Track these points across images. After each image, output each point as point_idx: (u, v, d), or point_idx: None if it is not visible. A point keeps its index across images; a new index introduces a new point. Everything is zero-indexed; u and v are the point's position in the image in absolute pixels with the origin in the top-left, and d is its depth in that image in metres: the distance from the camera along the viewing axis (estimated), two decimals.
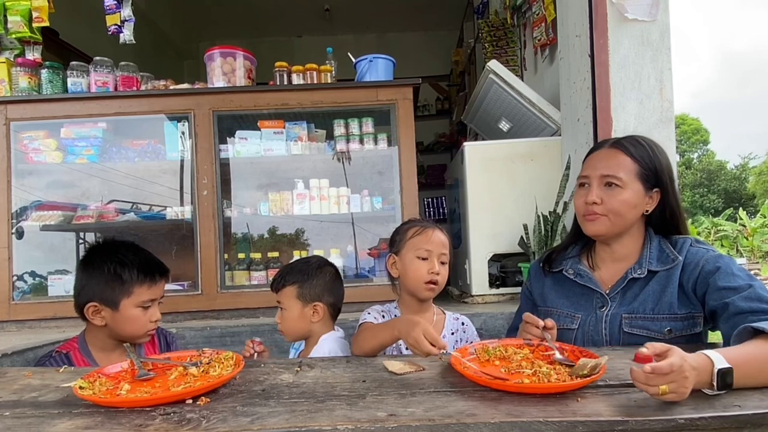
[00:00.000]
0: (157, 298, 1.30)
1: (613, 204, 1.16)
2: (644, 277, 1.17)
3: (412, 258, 1.31)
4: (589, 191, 1.19)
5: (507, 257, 2.42)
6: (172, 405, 0.79)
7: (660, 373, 0.73)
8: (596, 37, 1.98)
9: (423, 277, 1.28)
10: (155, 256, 1.33)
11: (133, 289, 1.24)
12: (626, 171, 1.16)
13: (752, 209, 18.70)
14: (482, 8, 4.06)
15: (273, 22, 5.71)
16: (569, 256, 1.31)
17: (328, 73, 2.50)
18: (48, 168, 2.46)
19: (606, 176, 1.17)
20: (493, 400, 0.78)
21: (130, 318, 1.24)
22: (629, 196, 1.15)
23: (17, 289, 2.30)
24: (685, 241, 1.18)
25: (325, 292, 1.42)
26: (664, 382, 0.73)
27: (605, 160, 1.19)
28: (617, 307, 1.17)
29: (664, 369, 0.73)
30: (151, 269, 1.27)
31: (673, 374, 0.74)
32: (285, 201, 2.46)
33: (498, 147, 2.50)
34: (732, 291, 1.03)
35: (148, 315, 1.27)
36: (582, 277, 1.24)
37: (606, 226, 1.18)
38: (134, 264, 1.25)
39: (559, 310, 1.25)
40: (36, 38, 2.48)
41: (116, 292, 1.23)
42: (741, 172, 27.04)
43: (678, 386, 0.74)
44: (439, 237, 1.33)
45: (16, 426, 0.74)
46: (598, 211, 1.17)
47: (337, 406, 0.77)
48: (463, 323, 1.39)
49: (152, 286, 1.27)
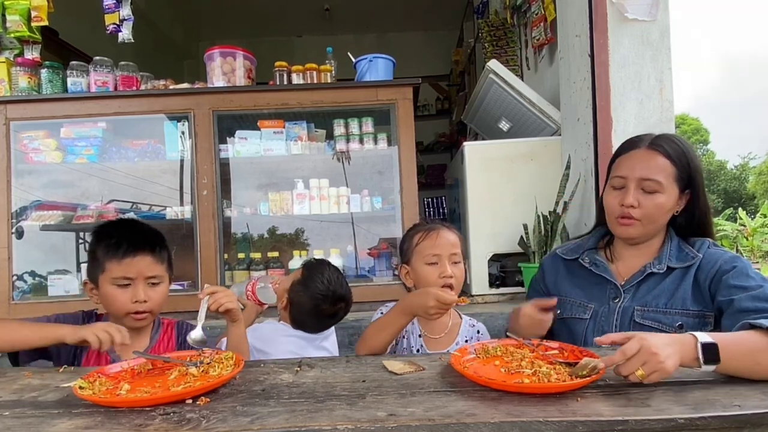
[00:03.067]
0: (133, 276, 1.16)
1: (650, 208, 1.14)
2: (662, 273, 1.16)
3: (422, 265, 1.25)
4: (625, 194, 1.16)
5: (507, 257, 2.42)
6: (172, 405, 0.79)
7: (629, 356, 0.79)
8: (596, 36, 1.98)
9: (435, 283, 1.21)
10: (141, 232, 1.23)
11: (105, 264, 1.16)
12: (665, 175, 1.13)
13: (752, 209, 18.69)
14: (482, 8, 4.06)
15: (273, 22, 5.71)
16: (587, 246, 1.29)
17: (328, 73, 2.50)
18: (48, 168, 2.46)
19: (645, 180, 1.13)
20: (493, 400, 0.78)
21: (106, 296, 1.18)
22: (665, 201, 1.14)
23: (17, 289, 2.31)
24: (704, 242, 1.18)
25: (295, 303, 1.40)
26: (635, 367, 0.78)
27: (644, 161, 1.15)
28: (630, 300, 1.17)
29: (630, 350, 0.79)
30: (120, 244, 1.16)
31: (639, 355, 0.79)
32: (285, 201, 2.46)
33: (498, 147, 2.50)
34: (741, 290, 1.03)
35: (128, 295, 1.16)
36: (598, 266, 1.23)
37: (638, 231, 1.17)
38: (106, 237, 1.18)
39: (572, 299, 1.24)
40: (35, 38, 2.48)
41: (94, 267, 1.19)
42: (741, 172, 27.04)
43: (652, 365, 0.78)
44: (446, 237, 1.26)
45: (15, 426, 0.74)
46: (635, 215, 1.15)
47: (337, 406, 0.77)
48: (479, 331, 1.34)
49: (122, 261, 1.15)
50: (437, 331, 1.30)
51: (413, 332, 1.29)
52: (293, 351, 1.35)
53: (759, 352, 0.83)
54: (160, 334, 1.29)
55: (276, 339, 1.38)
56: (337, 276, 1.41)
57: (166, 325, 1.32)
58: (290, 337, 1.39)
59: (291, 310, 1.41)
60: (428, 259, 1.24)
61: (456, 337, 1.30)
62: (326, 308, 1.37)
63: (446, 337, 1.30)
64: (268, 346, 1.36)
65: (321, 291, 1.36)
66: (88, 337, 1.05)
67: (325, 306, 1.37)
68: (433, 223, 1.32)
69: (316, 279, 1.37)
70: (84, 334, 1.06)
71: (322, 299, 1.36)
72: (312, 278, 1.38)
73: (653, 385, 0.81)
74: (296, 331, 1.40)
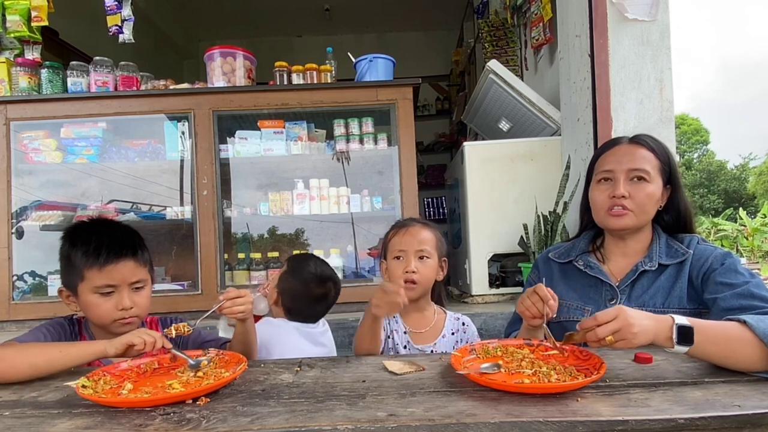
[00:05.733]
0: (117, 283, 1.10)
1: (640, 197, 1.16)
2: (654, 271, 1.17)
3: (391, 260, 1.31)
4: (615, 185, 1.18)
5: (507, 257, 2.42)
6: (172, 405, 0.79)
7: (601, 322, 0.83)
8: (596, 36, 1.98)
9: (399, 277, 1.26)
10: (120, 235, 1.15)
11: (84, 273, 1.09)
12: (651, 165, 1.17)
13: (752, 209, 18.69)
14: (482, 8, 4.06)
15: (273, 22, 5.71)
16: (578, 248, 1.30)
17: (328, 73, 2.50)
18: (48, 168, 2.46)
19: (634, 170, 1.17)
20: (493, 400, 0.78)
21: (88, 305, 1.10)
22: (654, 190, 1.17)
23: (17, 289, 2.31)
24: (693, 238, 1.19)
25: (285, 292, 1.45)
26: (607, 331, 0.83)
27: (629, 154, 1.19)
28: (626, 300, 1.18)
29: (604, 317, 0.83)
30: (99, 251, 1.08)
31: (614, 322, 0.83)
32: (285, 201, 2.47)
33: (498, 147, 2.50)
34: (728, 287, 1.04)
35: (112, 302, 1.10)
36: (592, 268, 1.24)
37: (633, 221, 1.18)
38: (82, 245, 1.09)
39: (569, 303, 1.25)
40: (35, 38, 2.48)
41: (71, 276, 1.11)
42: (741, 173, 27.01)
43: (624, 333, 0.82)
44: (414, 233, 1.30)
45: (15, 426, 0.74)
46: (627, 205, 1.17)
47: (337, 406, 0.77)
48: (464, 323, 1.38)
49: (103, 269, 1.08)
50: (422, 325, 1.34)
51: (398, 330, 1.31)
52: (294, 344, 1.39)
53: (735, 341, 0.85)
54: None
55: (276, 334, 1.40)
56: (321, 261, 1.51)
57: (149, 323, 1.27)
58: (290, 330, 1.42)
59: (283, 300, 1.45)
60: (395, 254, 1.30)
61: (442, 330, 1.34)
62: (316, 289, 1.44)
63: (432, 330, 1.33)
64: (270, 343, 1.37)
65: (309, 273, 1.45)
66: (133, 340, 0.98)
67: (315, 286, 1.44)
68: (409, 220, 1.37)
69: (303, 265, 1.47)
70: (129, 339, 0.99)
71: (311, 280, 1.44)
72: (299, 265, 1.47)
73: (653, 385, 0.82)
74: (293, 323, 1.43)
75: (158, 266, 2.59)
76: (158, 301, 2.26)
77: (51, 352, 0.98)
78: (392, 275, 1.29)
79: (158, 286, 2.41)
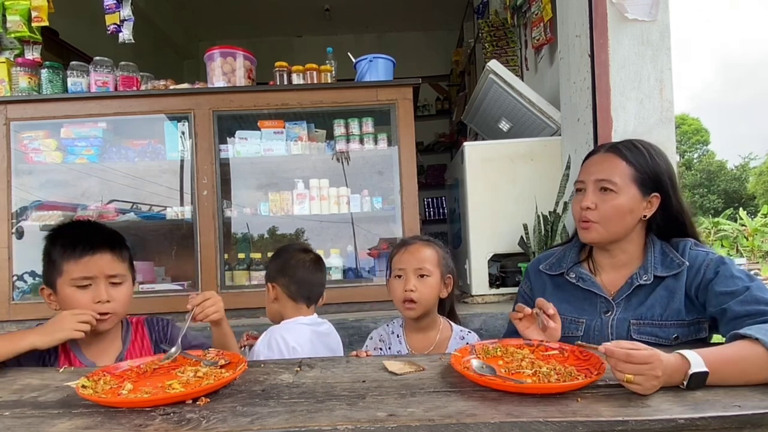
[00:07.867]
0: (93, 274, 1.11)
1: (606, 209, 1.14)
2: (651, 283, 1.14)
3: (392, 279, 1.32)
4: (584, 196, 1.18)
5: (507, 257, 2.42)
6: (172, 405, 0.79)
7: (633, 362, 0.78)
8: (596, 36, 1.98)
9: (399, 297, 1.27)
10: (99, 230, 1.18)
11: (63, 267, 1.11)
12: (621, 175, 1.14)
13: (752, 209, 18.68)
14: (482, 8, 4.06)
15: (273, 22, 5.71)
16: (569, 259, 1.27)
17: (328, 73, 2.50)
18: (48, 168, 2.46)
19: (600, 180, 1.15)
20: (493, 400, 0.78)
21: (66, 299, 1.11)
22: (624, 201, 1.13)
23: (17, 289, 2.30)
24: (686, 243, 1.16)
25: (278, 273, 1.46)
26: (633, 371, 0.77)
27: (600, 164, 1.17)
28: (623, 312, 1.15)
29: (638, 359, 0.77)
30: (76, 244, 1.11)
31: (645, 367, 0.77)
32: (285, 201, 2.46)
33: (498, 147, 2.50)
34: (729, 296, 1.02)
35: (89, 295, 1.11)
36: (585, 281, 1.21)
37: (600, 234, 1.16)
38: (60, 238, 1.13)
39: (563, 316, 1.21)
40: (35, 38, 2.48)
41: (51, 271, 1.13)
42: (741, 173, 26.99)
43: (645, 380, 0.78)
44: (414, 252, 1.30)
45: (15, 426, 0.74)
46: (591, 217, 1.15)
47: (337, 406, 0.77)
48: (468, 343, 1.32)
49: (80, 261, 1.10)
50: (424, 346, 1.31)
51: (401, 351, 1.30)
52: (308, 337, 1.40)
53: (749, 363, 0.83)
54: (131, 335, 1.24)
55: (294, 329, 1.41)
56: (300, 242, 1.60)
57: (136, 324, 1.26)
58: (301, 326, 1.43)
59: (281, 284, 1.45)
60: (396, 273, 1.31)
61: (445, 351, 1.30)
62: (304, 258, 1.50)
63: (434, 351, 1.30)
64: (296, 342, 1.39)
65: (292, 248, 1.54)
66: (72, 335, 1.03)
67: (302, 256, 1.50)
68: (410, 238, 1.38)
69: (284, 247, 1.57)
70: (62, 336, 1.04)
71: (297, 252, 1.51)
72: (282, 249, 1.56)
73: None
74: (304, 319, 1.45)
75: (158, 266, 2.59)
76: (158, 301, 2.26)
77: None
78: (393, 294, 1.30)
79: (158, 286, 2.40)
